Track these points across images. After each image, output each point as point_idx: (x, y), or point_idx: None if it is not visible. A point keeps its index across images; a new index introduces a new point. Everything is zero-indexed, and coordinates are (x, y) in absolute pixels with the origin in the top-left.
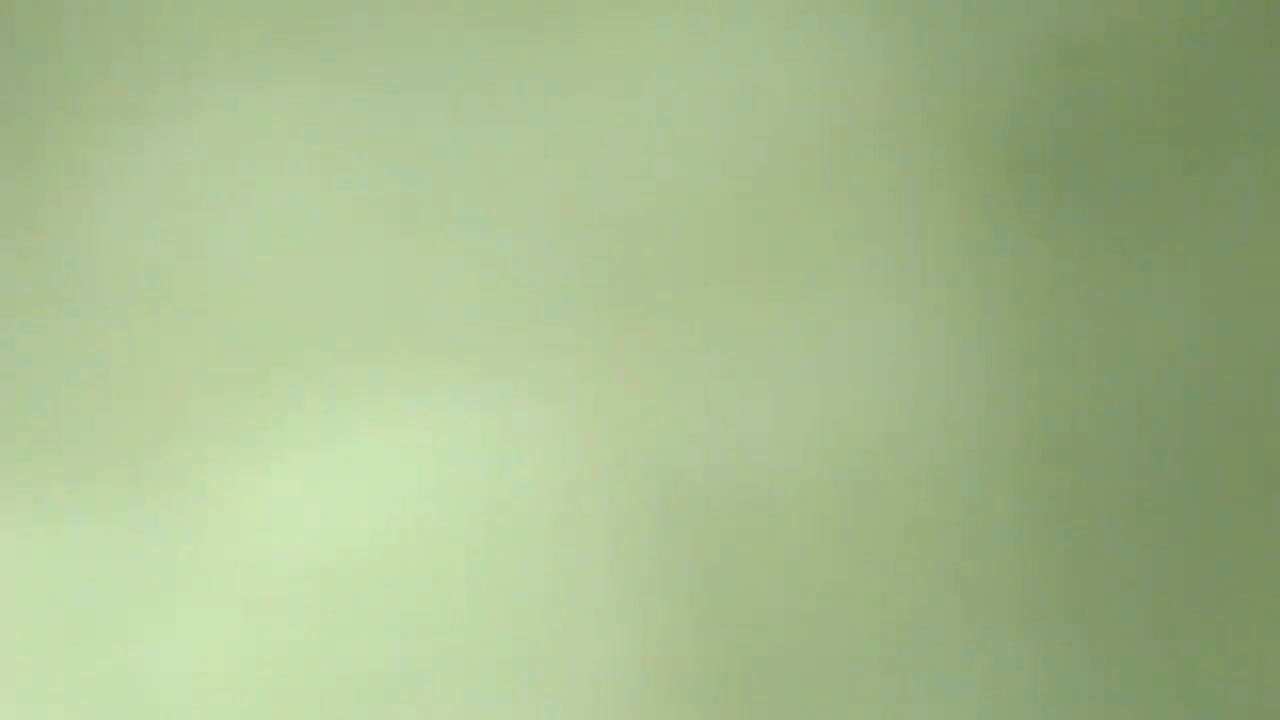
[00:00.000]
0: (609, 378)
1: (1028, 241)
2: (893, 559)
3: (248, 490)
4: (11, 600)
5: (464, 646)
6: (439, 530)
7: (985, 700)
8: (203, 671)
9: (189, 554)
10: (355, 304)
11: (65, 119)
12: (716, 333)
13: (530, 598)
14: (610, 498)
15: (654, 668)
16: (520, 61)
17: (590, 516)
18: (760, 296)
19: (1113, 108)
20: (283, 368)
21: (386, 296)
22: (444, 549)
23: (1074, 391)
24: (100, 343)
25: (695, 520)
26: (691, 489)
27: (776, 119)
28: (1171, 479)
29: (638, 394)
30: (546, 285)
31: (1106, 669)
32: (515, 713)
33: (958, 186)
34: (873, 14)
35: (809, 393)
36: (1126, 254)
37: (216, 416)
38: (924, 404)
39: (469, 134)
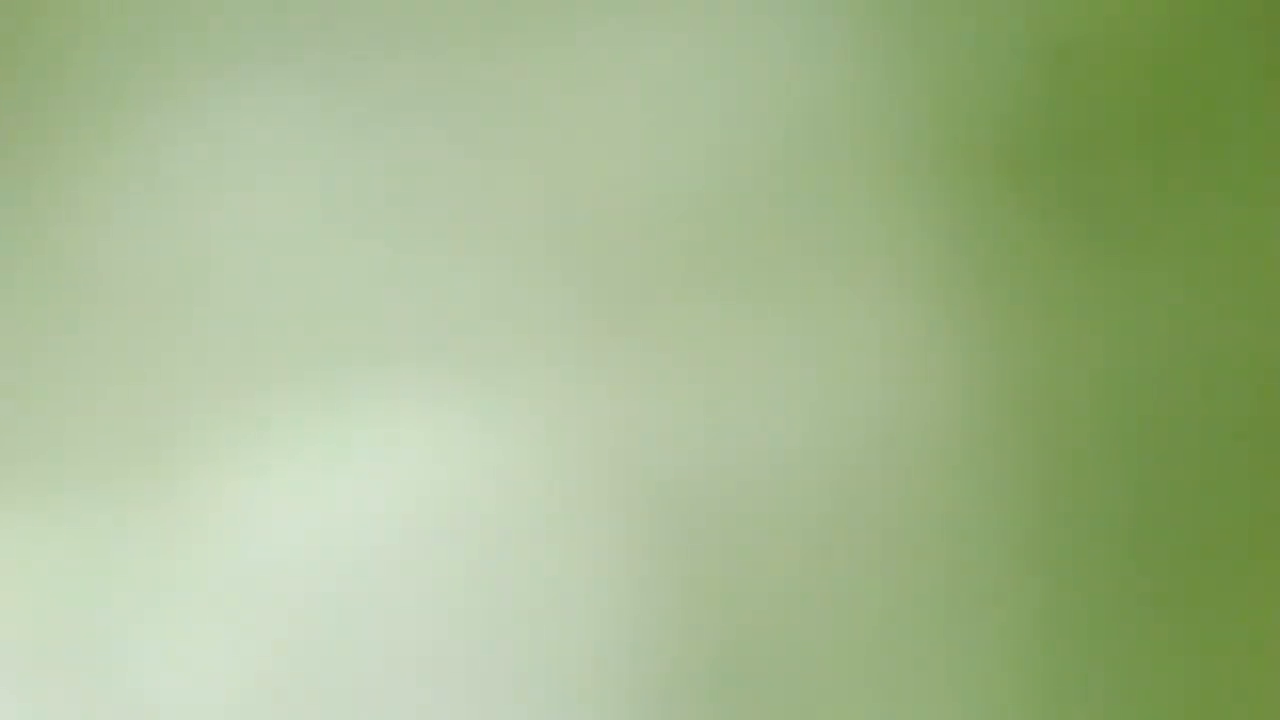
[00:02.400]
0: (605, 378)
1: (1024, 241)
2: (890, 558)
3: (243, 491)
4: (8, 600)
5: (461, 647)
6: (436, 531)
7: (984, 700)
8: (200, 672)
9: (185, 553)
10: (352, 305)
11: (62, 120)
12: (712, 332)
13: (526, 598)
14: (607, 498)
15: (651, 668)
16: (514, 63)
17: (587, 517)
18: (756, 296)
19: (1110, 107)
20: (279, 369)
21: (382, 298)
22: (441, 549)
23: (1071, 391)
24: (97, 343)
25: (692, 520)
26: (688, 489)
27: (770, 118)
28: (1170, 478)
29: (634, 394)
30: (542, 286)
31: (1105, 668)
32: (512, 713)
33: (954, 186)
34: (868, 13)
35: (805, 392)
36: (1123, 253)
37: (212, 417)
38: (921, 404)
39: (464, 136)
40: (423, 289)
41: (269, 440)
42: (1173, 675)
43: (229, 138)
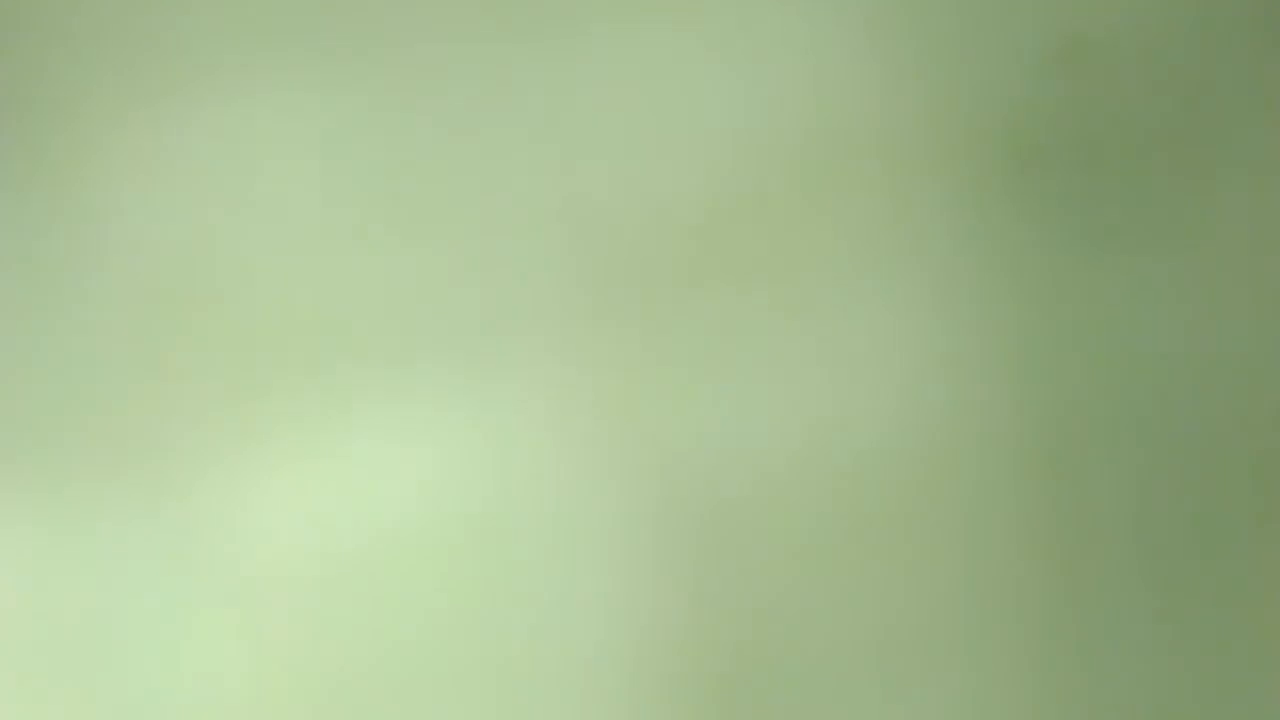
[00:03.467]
0: (608, 377)
1: (1027, 240)
2: (893, 554)
3: (245, 490)
4: (7, 599)
5: (463, 647)
6: (439, 530)
7: (985, 700)
8: (200, 672)
9: (187, 554)
10: (354, 303)
11: (65, 117)
12: (716, 330)
13: (530, 597)
14: (610, 497)
15: (655, 666)
16: (520, 60)
17: (589, 515)
18: (760, 294)
19: (1113, 107)
20: (281, 368)
21: (386, 296)
22: (444, 549)
23: (1073, 389)
24: (98, 343)
25: (695, 518)
26: (691, 487)
27: (776, 117)
28: (1170, 477)
29: (637, 393)
30: (546, 284)
31: (1107, 668)
32: (514, 713)
33: (957, 185)
34: (872, 13)
35: (809, 390)
36: (1126, 253)
37: (214, 416)
38: (924, 402)
39: (469, 134)
40: (426, 287)
41: (271, 439)
42: (1178, 676)
43: (232, 137)
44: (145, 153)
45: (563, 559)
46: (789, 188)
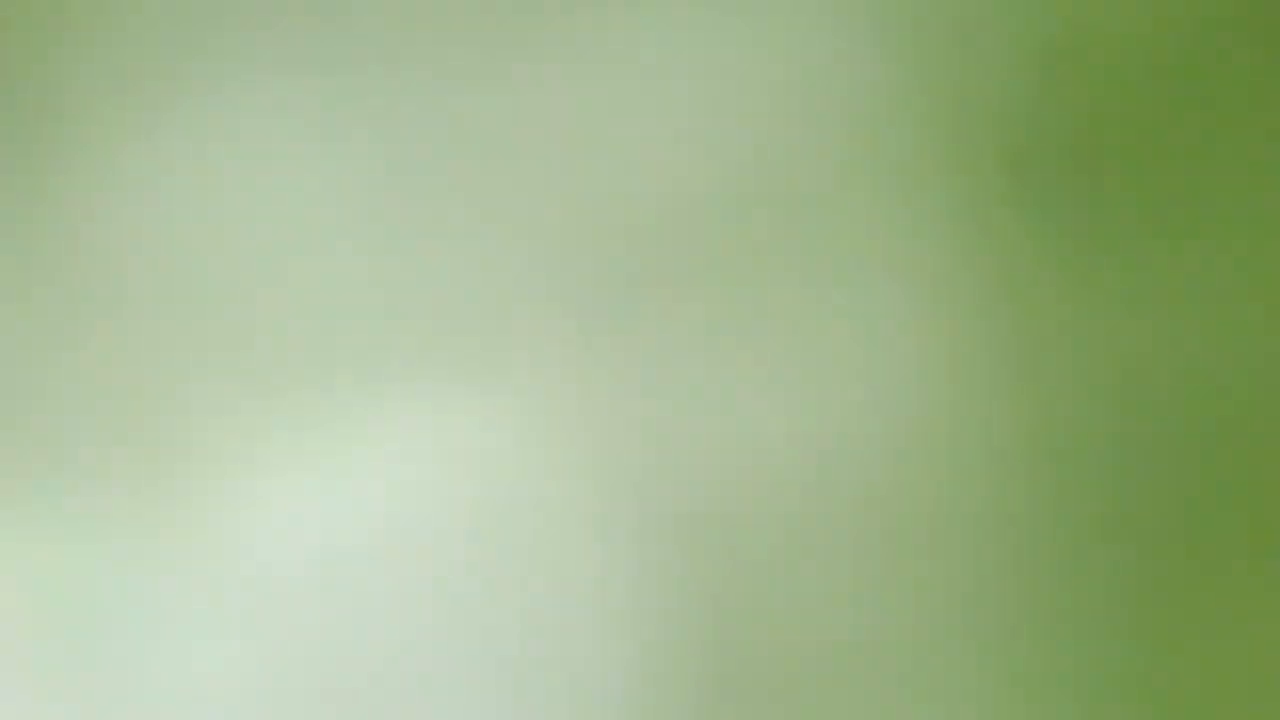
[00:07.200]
0: (602, 380)
1: (1025, 240)
2: (888, 554)
3: (243, 492)
4: (7, 605)
5: (459, 650)
6: (435, 534)
7: (985, 700)
8: (200, 676)
9: (188, 555)
10: (354, 305)
11: (64, 119)
12: (710, 332)
13: (524, 600)
14: (604, 500)
15: (648, 668)
16: (514, 62)
17: (584, 518)
18: (753, 296)
19: (1111, 107)
20: (281, 370)
21: (380, 300)
22: (440, 553)
23: (1071, 390)
24: (99, 345)
25: (689, 521)
26: (685, 490)
27: (770, 117)
28: (1169, 478)
29: (631, 395)
30: (540, 288)
31: (1105, 669)
32: (513, 713)
33: (955, 185)
34: (870, 11)
35: (802, 392)
36: (1123, 253)
37: (214, 418)
38: (919, 403)
39: (462, 138)
40: (421, 289)
41: (270, 440)
42: (1177, 677)
43: (230, 139)
44: (145, 154)
45: (560, 560)
46: (783, 189)
